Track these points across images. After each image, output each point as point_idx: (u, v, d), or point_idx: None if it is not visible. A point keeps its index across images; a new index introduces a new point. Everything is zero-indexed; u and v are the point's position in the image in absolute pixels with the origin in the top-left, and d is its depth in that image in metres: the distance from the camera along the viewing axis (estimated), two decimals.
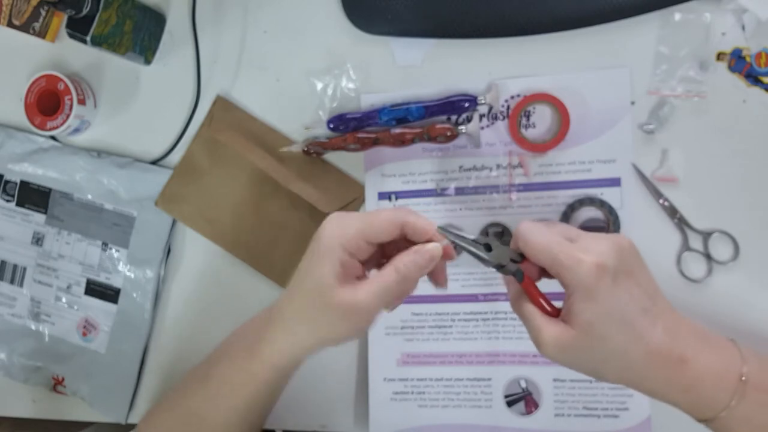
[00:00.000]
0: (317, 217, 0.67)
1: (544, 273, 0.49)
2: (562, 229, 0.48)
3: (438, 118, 0.65)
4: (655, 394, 0.47)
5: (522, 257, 0.48)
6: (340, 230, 0.47)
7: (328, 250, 0.47)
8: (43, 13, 0.74)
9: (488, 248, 0.49)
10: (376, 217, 0.47)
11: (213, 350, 0.58)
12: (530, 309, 0.48)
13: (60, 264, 0.74)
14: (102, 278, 0.73)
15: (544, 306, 0.48)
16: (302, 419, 0.68)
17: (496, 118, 0.64)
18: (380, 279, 0.47)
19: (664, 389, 0.46)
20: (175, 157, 0.72)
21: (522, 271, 0.48)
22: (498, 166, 0.64)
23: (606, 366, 0.46)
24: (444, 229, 0.49)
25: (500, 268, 0.49)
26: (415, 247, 0.48)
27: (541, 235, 0.47)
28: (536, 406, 0.62)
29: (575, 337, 0.45)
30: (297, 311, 0.49)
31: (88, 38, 0.63)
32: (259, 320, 0.54)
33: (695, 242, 0.60)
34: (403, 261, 0.47)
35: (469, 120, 0.64)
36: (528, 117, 0.64)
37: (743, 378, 0.45)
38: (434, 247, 0.48)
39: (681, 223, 0.60)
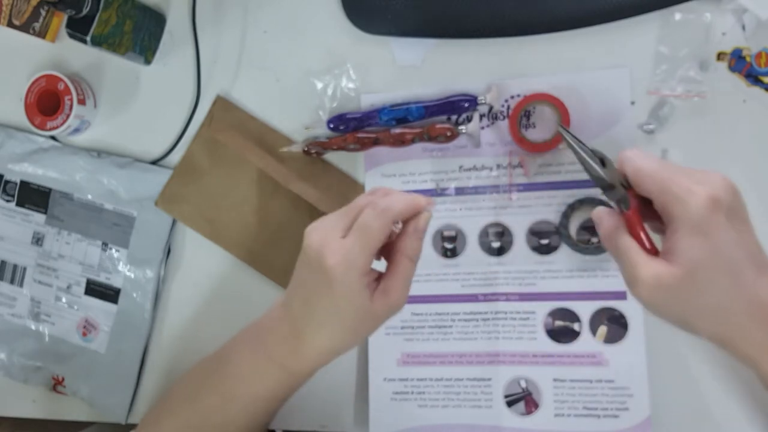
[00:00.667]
0: (317, 217, 0.67)
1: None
2: (667, 160, 0.46)
3: (438, 118, 0.65)
4: (746, 354, 0.44)
5: (627, 185, 0.45)
6: (350, 265, 0.46)
7: (354, 287, 0.47)
8: (43, 13, 0.74)
9: (603, 164, 0.45)
10: (372, 234, 0.47)
11: (216, 353, 0.57)
12: (628, 242, 0.44)
13: (60, 264, 0.74)
14: (102, 278, 0.73)
15: (644, 242, 0.44)
16: (302, 419, 0.68)
17: (496, 118, 0.64)
18: (401, 274, 0.49)
19: (754, 351, 0.43)
20: (175, 157, 0.72)
21: (628, 198, 0.44)
22: (498, 166, 0.64)
23: (703, 316, 0.42)
24: (564, 129, 0.47)
25: (609, 189, 0.45)
26: (412, 227, 0.49)
27: (651, 160, 0.43)
28: (536, 406, 0.62)
29: (677, 277, 0.41)
30: (333, 336, 0.49)
31: (88, 38, 0.63)
32: (276, 328, 0.52)
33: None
34: (410, 246, 0.49)
35: (469, 120, 0.64)
36: (528, 117, 0.64)
37: None
38: (426, 219, 0.49)
39: (747, 221, 0.60)
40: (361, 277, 0.47)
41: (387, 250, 0.50)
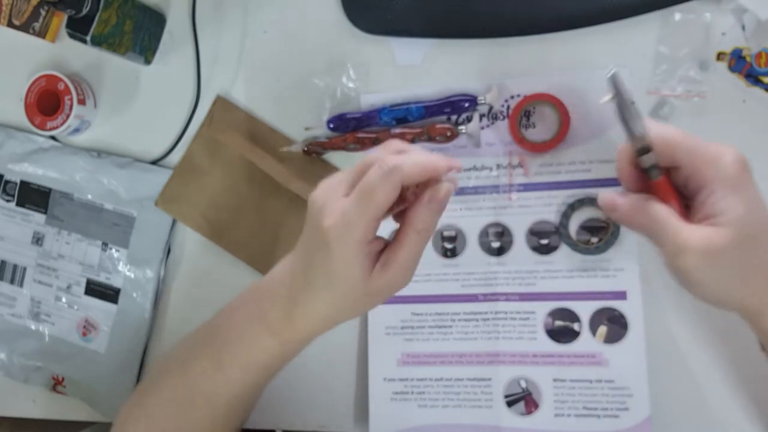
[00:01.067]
0: None
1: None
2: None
3: (438, 118, 0.65)
4: None
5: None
6: (347, 229, 0.42)
7: (351, 254, 0.42)
8: (43, 13, 0.74)
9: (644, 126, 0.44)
10: (374, 197, 0.41)
11: (213, 316, 0.55)
12: (664, 211, 0.41)
13: (60, 264, 0.74)
14: (102, 278, 0.73)
15: (680, 209, 0.42)
16: (302, 419, 0.68)
17: (496, 118, 0.64)
18: (405, 248, 0.43)
19: None
20: (175, 157, 0.72)
21: (659, 166, 0.43)
22: (498, 166, 0.64)
23: (749, 280, 0.41)
24: (614, 78, 0.44)
25: (644, 152, 0.43)
26: (427, 196, 0.42)
27: (673, 129, 0.43)
28: (536, 406, 0.62)
29: (728, 239, 0.39)
30: (329, 304, 0.45)
31: (88, 38, 0.63)
32: (275, 290, 0.49)
33: None
34: (421, 219, 0.43)
35: (469, 120, 0.64)
36: (528, 117, 0.64)
37: None
38: (446, 191, 0.42)
39: None
40: (358, 244, 0.42)
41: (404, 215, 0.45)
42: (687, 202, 0.44)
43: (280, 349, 0.49)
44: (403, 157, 0.42)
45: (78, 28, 0.63)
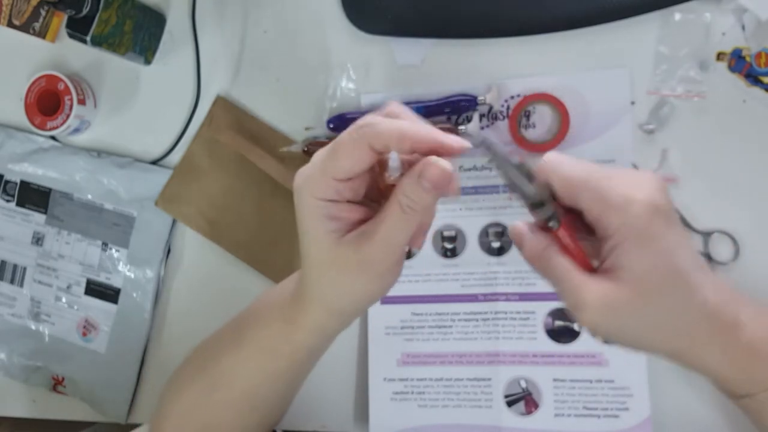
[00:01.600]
0: None
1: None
2: (593, 164, 0.40)
3: (438, 118, 0.65)
4: (702, 364, 0.41)
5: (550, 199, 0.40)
6: (304, 184, 0.38)
7: (306, 210, 0.38)
8: (43, 13, 0.74)
9: (530, 177, 0.39)
10: (338, 150, 0.37)
11: (240, 315, 0.53)
12: (564, 264, 0.39)
13: (60, 264, 0.74)
14: (102, 278, 0.73)
15: (581, 260, 0.39)
16: (302, 419, 0.68)
17: (496, 118, 0.64)
18: (386, 223, 0.37)
19: (714, 359, 0.40)
20: (175, 157, 0.72)
21: (558, 214, 0.39)
22: None
23: (658, 332, 0.39)
24: (487, 143, 0.38)
25: (538, 207, 0.39)
26: (418, 170, 0.36)
27: (577, 166, 0.38)
28: (536, 406, 0.62)
29: (628, 296, 0.37)
30: (314, 279, 0.41)
31: (88, 38, 0.63)
32: (291, 283, 0.47)
33: (695, 242, 0.60)
34: (405, 191, 0.37)
35: (469, 120, 0.64)
36: (528, 117, 0.64)
37: None
38: (438, 171, 0.36)
39: (681, 223, 0.60)
40: (313, 199, 0.38)
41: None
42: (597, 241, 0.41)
43: (291, 332, 0.45)
44: (383, 119, 0.37)
45: (78, 28, 0.63)
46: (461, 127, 0.63)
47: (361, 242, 0.38)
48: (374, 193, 0.41)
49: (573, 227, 0.40)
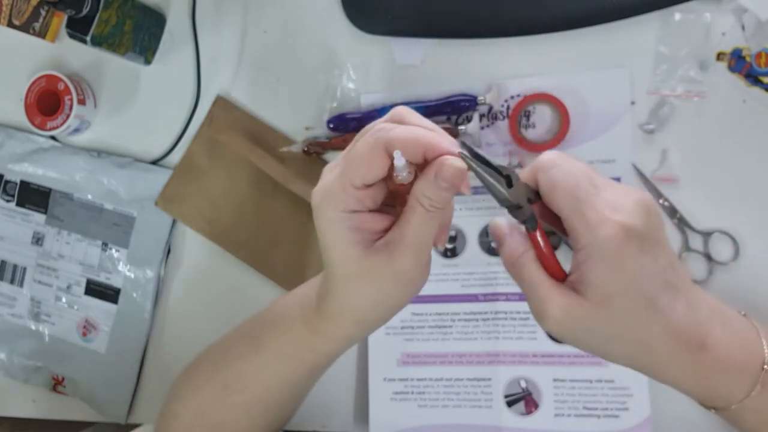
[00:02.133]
0: None
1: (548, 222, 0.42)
2: (587, 171, 0.40)
3: (438, 118, 0.65)
4: (665, 380, 0.42)
5: (534, 198, 0.40)
6: (324, 196, 0.39)
7: (329, 225, 0.39)
8: (43, 13, 0.74)
9: (509, 183, 0.39)
10: (354, 159, 0.37)
11: (252, 320, 0.53)
12: (535, 271, 0.40)
13: (60, 264, 0.74)
14: (102, 278, 0.73)
15: (551, 266, 0.40)
16: (303, 419, 0.68)
17: (496, 118, 0.64)
18: (411, 225, 0.38)
19: (678, 376, 0.41)
20: (175, 157, 0.72)
21: (536, 218, 0.40)
22: None
23: (617, 346, 0.40)
24: (465, 147, 0.38)
25: (515, 209, 0.39)
26: (433, 171, 0.36)
27: (570, 174, 0.38)
28: (536, 406, 0.62)
29: (589, 312, 0.38)
30: (340, 290, 0.41)
31: (88, 38, 0.63)
32: (310, 290, 0.46)
33: (695, 242, 0.60)
34: (424, 193, 0.37)
35: (469, 120, 0.64)
36: (528, 117, 0.64)
37: (766, 367, 0.40)
38: (456, 169, 0.36)
39: (681, 223, 0.60)
40: (334, 211, 0.38)
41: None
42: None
43: (315, 342, 0.45)
44: (395, 125, 0.37)
45: (78, 28, 0.63)
46: (461, 127, 0.63)
47: (392, 251, 0.38)
48: (388, 197, 0.40)
49: (546, 235, 0.40)
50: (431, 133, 0.37)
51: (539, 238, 0.40)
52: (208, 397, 0.52)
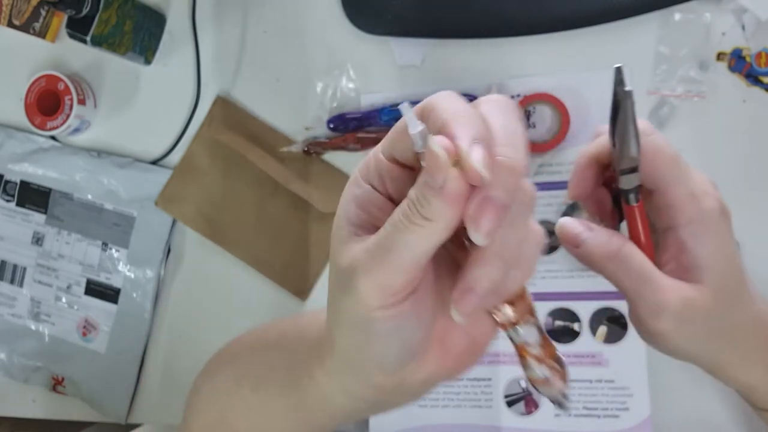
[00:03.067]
0: (317, 217, 0.67)
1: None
2: None
3: None
4: (747, 380, 0.39)
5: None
6: (341, 203, 0.29)
7: (334, 239, 0.29)
8: (43, 13, 0.74)
9: (638, 137, 0.35)
10: (369, 159, 0.29)
11: (261, 346, 0.42)
12: (643, 261, 0.34)
13: (60, 264, 0.74)
14: (102, 278, 0.73)
15: (649, 251, 0.35)
16: None
17: None
18: (384, 235, 0.26)
19: (753, 369, 0.38)
20: (175, 157, 0.72)
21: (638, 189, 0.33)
22: None
23: (719, 340, 0.36)
24: (620, 72, 0.32)
25: (631, 173, 0.34)
26: (423, 177, 0.25)
27: (669, 142, 0.34)
28: (536, 406, 0.62)
29: (709, 300, 0.33)
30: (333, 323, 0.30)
31: (88, 38, 0.63)
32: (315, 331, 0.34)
33: None
34: (416, 184, 0.25)
35: None
36: (528, 117, 0.64)
37: None
38: (452, 176, 0.24)
39: None
40: (355, 176, 0.29)
41: None
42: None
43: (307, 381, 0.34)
44: (449, 96, 0.28)
45: (78, 28, 0.63)
46: None
47: (365, 240, 0.27)
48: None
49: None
50: (454, 107, 0.27)
51: (637, 215, 0.34)
52: (221, 386, 0.42)
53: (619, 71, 0.34)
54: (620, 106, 0.34)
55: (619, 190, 0.35)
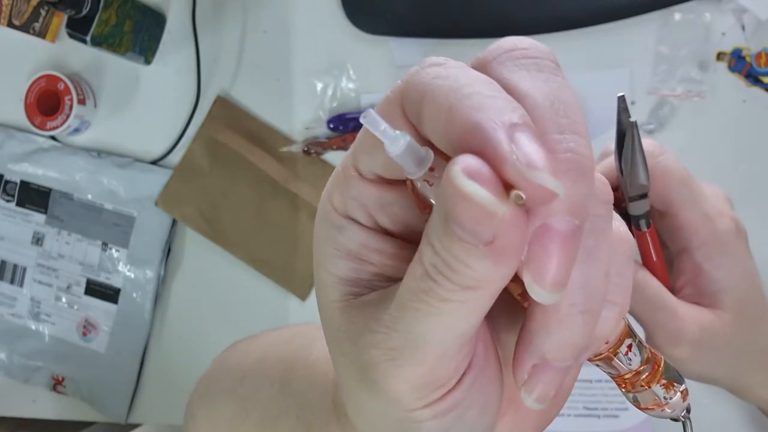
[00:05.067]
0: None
1: None
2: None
3: None
4: (765, 394, 0.37)
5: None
6: (329, 183, 0.20)
7: (318, 234, 0.21)
8: (43, 13, 0.74)
9: (645, 162, 0.33)
10: (355, 147, 0.20)
11: (284, 349, 0.36)
12: (659, 289, 0.33)
13: (60, 264, 0.74)
14: (102, 278, 0.73)
15: (663, 277, 0.34)
16: None
17: None
18: (405, 297, 0.17)
19: None
20: (175, 157, 0.72)
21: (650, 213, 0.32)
22: None
23: (742, 363, 0.35)
24: (622, 101, 0.31)
25: (640, 199, 0.33)
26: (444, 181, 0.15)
27: (679, 162, 0.33)
28: None
29: (728, 326, 0.32)
30: (332, 358, 0.22)
31: (88, 38, 0.63)
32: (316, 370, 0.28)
33: None
34: (430, 237, 0.16)
35: None
36: None
37: None
38: (463, 187, 0.15)
39: None
40: (331, 212, 0.20)
41: None
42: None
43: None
44: (456, 68, 0.17)
45: (78, 28, 0.63)
46: None
47: (373, 319, 0.18)
48: None
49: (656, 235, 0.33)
50: (461, 79, 0.16)
51: (649, 241, 0.33)
52: (225, 419, 0.38)
53: (622, 100, 0.32)
54: (626, 135, 0.32)
55: (628, 215, 0.34)
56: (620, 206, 0.35)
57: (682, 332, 0.32)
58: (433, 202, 0.17)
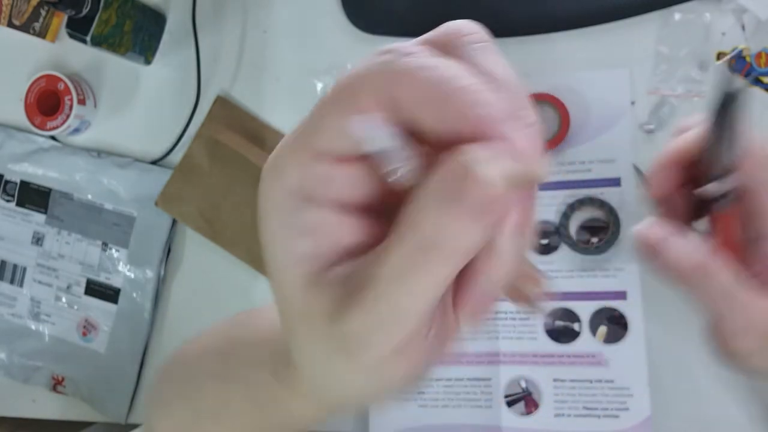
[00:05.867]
0: None
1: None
2: None
3: None
4: None
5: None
6: (273, 160, 0.23)
7: (268, 213, 0.22)
8: (43, 13, 0.74)
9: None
10: (330, 94, 0.20)
11: (227, 332, 0.38)
12: (731, 279, 0.32)
13: (60, 264, 0.74)
14: (102, 278, 0.73)
15: (740, 263, 0.32)
16: None
17: None
18: (386, 267, 0.19)
19: None
20: (175, 157, 0.72)
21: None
22: None
23: None
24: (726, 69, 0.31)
25: (724, 176, 0.31)
26: (443, 170, 0.18)
27: (764, 142, 0.32)
28: (536, 406, 0.62)
29: None
30: (289, 337, 0.23)
31: (88, 38, 0.63)
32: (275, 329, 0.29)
33: None
34: (419, 208, 0.18)
35: None
36: None
37: None
38: (479, 174, 0.17)
39: None
40: (280, 189, 0.21)
41: None
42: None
43: (283, 399, 0.30)
44: (424, 52, 0.20)
45: (78, 28, 0.63)
46: None
47: (346, 296, 0.19)
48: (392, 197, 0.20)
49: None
50: (474, 85, 0.18)
51: (730, 223, 0.32)
52: (179, 421, 0.40)
53: (725, 70, 0.32)
54: (729, 105, 0.31)
55: (705, 194, 0.32)
56: (699, 183, 0.33)
57: (752, 323, 0.31)
58: (414, 184, 0.18)
